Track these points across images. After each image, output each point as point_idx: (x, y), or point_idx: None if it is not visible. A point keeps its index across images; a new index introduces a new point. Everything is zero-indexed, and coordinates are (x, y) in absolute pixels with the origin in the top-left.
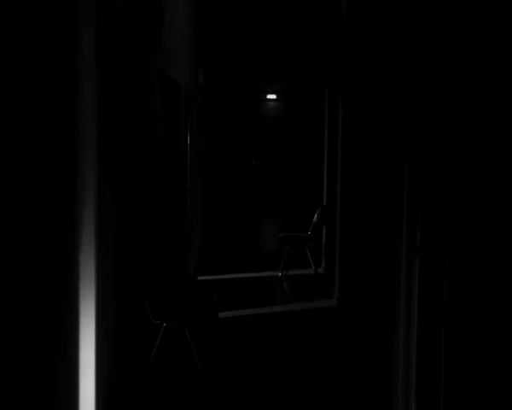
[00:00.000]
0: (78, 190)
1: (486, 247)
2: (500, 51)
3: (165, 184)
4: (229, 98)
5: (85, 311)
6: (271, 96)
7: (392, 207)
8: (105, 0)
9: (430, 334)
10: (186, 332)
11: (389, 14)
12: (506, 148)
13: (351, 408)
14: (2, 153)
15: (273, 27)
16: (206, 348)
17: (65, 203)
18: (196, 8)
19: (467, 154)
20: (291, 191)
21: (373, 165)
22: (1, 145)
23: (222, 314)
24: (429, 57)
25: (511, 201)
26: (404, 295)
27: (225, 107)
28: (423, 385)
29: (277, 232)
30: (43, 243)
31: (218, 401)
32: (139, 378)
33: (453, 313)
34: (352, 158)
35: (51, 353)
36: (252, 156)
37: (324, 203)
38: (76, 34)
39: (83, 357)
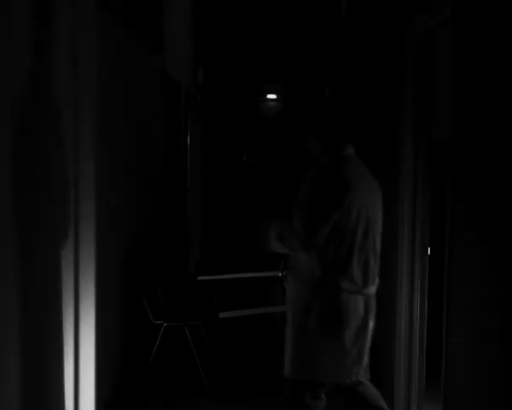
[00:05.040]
0: (78, 187)
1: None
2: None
3: (166, 183)
4: (229, 98)
5: (85, 310)
6: (271, 96)
7: (391, 206)
8: (105, 0)
9: (432, 333)
10: (186, 332)
11: (389, 13)
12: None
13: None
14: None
15: (273, 27)
16: (206, 348)
17: (63, 201)
18: (196, 9)
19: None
20: (291, 191)
21: (372, 164)
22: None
23: (222, 314)
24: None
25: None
26: (405, 295)
27: (225, 107)
28: (425, 384)
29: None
30: (42, 240)
31: (218, 402)
32: (139, 379)
33: (454, 310)
34: None
35: (49, 355)
36: (252, 156)
37: None
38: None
39: (83, 357)
